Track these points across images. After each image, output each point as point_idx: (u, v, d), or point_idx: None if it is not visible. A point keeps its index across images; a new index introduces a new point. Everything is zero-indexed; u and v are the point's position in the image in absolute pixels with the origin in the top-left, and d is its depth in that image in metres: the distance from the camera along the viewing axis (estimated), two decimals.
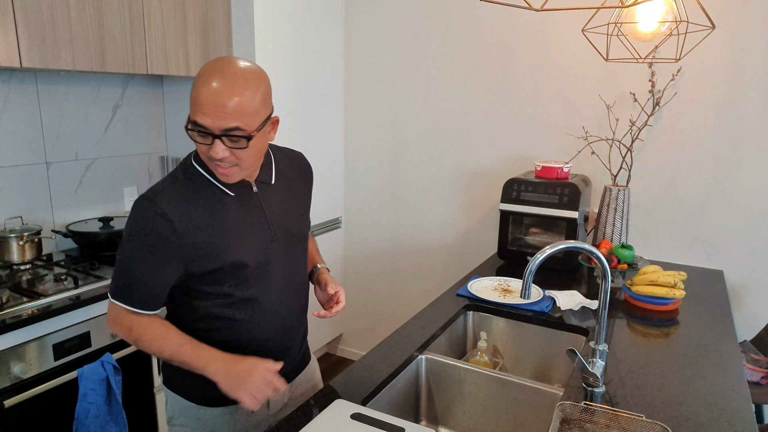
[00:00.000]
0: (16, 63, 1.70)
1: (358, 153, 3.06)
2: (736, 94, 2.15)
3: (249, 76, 1.06)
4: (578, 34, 2.37)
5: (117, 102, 2.44)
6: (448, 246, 2.89)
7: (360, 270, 3.20)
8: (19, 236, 1.94)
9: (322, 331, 3.16)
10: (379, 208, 3.06)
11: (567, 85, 2.45)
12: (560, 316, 1.72)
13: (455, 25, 2.64)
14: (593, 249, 1.24)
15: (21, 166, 2.09)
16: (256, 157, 1.14)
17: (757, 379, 1.85)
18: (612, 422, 1.14)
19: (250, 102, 1.05)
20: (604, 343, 1.29)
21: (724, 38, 2.12)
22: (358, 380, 1.33)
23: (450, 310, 1.76)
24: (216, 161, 1.09)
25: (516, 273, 2.14)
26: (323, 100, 2.87)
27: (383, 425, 1.08)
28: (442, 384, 1.52)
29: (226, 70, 1.05)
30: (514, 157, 2.63)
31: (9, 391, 1.59)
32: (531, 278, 1.23)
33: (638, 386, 1.30)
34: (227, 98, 1.03)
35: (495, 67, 2.59)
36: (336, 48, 2.91)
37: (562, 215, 2.14)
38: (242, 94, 1.04)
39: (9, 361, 1.59)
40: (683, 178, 2.29)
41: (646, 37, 1.64)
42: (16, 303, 1.68)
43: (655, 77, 2.25)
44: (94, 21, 1.91)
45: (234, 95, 1.04)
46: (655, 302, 1.78)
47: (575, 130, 2.46)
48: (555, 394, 1.35)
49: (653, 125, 2.30)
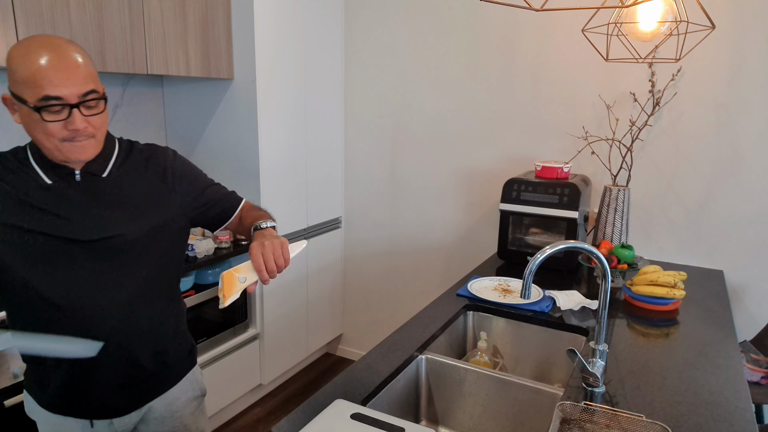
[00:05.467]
0: None
1: (358, 153, 3.06)
2: (736, 94, 2.15)
3: (75, 44, 1.06)
4: (578, 34, 2.37)
5: (117, 102, 2.44)
6: (448, 246, 2.89)
7: (360, 270, 3.20)
8: None
9: (322, 331, 3.16)
10: (379, 208, 3.06)
11: (567, 85, 2.45)
12: (560, 316, 1.72)
13: (455, 25, 2.65)
14: (593, 249, 1.24)
15: None
16: (105, 127, 1.13)
17: (757, 379, 1.85)
18: (612, 422, 1.14)
19: (92, 65, 1.07)
20: (604, 343, 1.29)
21: (724, 38, 2.12)
22: (358, 380, 1.33)
23: (450, 310, 1.76)
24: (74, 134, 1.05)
25: (516, 273, 2.14)
26: (323, 99, 2.87)
27: (383, 425, 1.08)
28: (442, 384, 1.52)
29: (52, 42, 1.03)
30: (514, 157, 2.63)
31: (9, 391, 1.59)
32: (531, 278, 1.23)
33: (638, 386, 1.30)
34: (74, 64, 1.02)
35: (495, 67, 2.59)
36: (336, 48, 2.91)
37: (562, 215, 2.14)
38: (84, 57, 1.05)
39: (9, 361, 1.59)
40: (683, 178, 2.29)
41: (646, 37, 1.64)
42: None
43: (655, 77, 2.25)
44: (94, 21, 1.91)
45: (78, 59, 1.03)
46: (655, 302, 1.78)
47: (575, 130, 2.46)
48: (555, 394, 1.35)
49: (653, 125, 2.30)
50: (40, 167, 1.11)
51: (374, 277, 3.16)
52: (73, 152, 1.07)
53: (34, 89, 1.00)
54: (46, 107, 1.01)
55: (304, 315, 2.97)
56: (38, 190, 1.10)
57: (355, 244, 3.18)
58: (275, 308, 2.73)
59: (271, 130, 2.54)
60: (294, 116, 2.68)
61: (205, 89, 2.57)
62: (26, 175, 1.10)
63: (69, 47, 1.04)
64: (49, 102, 1.01)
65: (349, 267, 3.24)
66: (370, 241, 3.12)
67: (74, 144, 1.06)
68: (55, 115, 1.02)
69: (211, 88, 2.56)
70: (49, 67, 1.00)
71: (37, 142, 1.07)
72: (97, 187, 1.15)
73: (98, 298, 1.13)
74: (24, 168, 1.11)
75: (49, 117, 1.02)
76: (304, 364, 3.20)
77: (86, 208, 1.12)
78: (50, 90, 1.00)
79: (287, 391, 2.94)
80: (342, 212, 3.17)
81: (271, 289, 2.68)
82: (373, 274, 3.16)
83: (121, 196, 1.17)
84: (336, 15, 2.87)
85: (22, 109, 1.04)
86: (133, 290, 1.17)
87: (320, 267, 3.03)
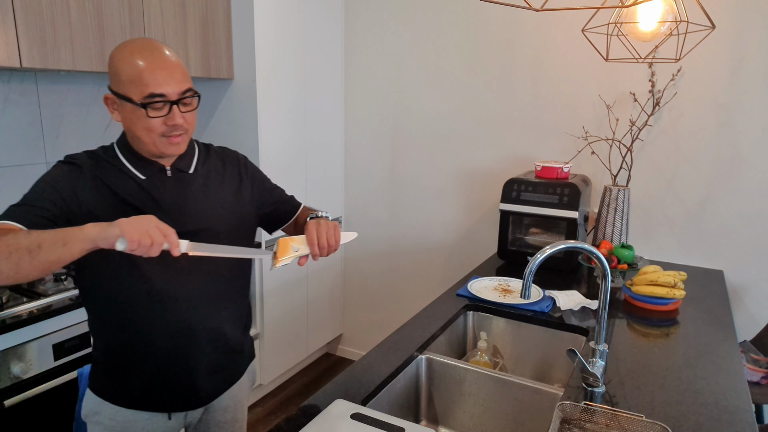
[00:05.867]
0: (16, 63, 1.70)
1: (358, 153, 3.06)
2: (736, 94, 2.15)
3: (168, 46, 1.16)
4: (578, 34, 2.37)
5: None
6: (448, 246, 2.89)
7: (360, 270, 3.20)
8: None
9: (322, 331, 3.16)
10: (379, 207, 3.06)
11: (567, 85, 2.45)
12: (560, 316, 1.72)
13: (455, 25, 2.64)
14: (593, 249, 1.24)
15: (21, 166, 2.09)
16: (194, 125, 1.20)
17: (757, 379, 1.85)
18: (612, 422, 1.14)
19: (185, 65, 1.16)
20: (604, 343, 1.29)
21: (724, 38, 2.12)
22: (358, 380, 1.33)
23: (450, 310, 1.76)
24: (172, 129, 1.12)
25: (516, 273, 2.14)
26: (323, 99, 2.87)
27: (383, 425, 1.08)
28: (442, 384, 1.52)
29: (151, 44, 1.12)
30: (514, 157, 2.63)
31: (9, 391, 1.59)
32: (531, 278, 1.23)
33: (638, 386, 1.30)
34: (174, 64, 1.11)
35: (495, 66, 2.59)
36: (336, 48, 2.91)
37: (562, 215, 2.14)
38: (178, 58, 1.14)
39: (9, 361, 1.59)
40: (683, 178, 2.29)
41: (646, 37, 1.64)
42: (16, 303, 1.68)
43: (655, 77, 2.25)
44: (94, 21, 1.91)
45: (176, 60, 1.12)
46: (655, 302, 1.78)
47: (575, 130, 2.46)
48: (555, 394, 1.35)
49: (653, 125, 2.30)
50: (131, 164, 1.17)
51: (374, 277, 3.16)
52: (169, 147, 1.14)
53: (140, 87, 1.07)
54: (150, 104, 1.08)
55: (304, 315, 2.97)
56: (133, 186, 1.16)
57: (355, 244, 3.18)
58: (275, 308, 2.73)
59: (271, 130, 2.54)
60: (294, 116, 2.68)
61: (205, 89, 2.57)
62: (119, 171, 1.16)
63: (166, 48, 1.13)
64: (154, 99, 1.08)
65: (349, 267, 3.24)
66: (370, 241, 3.12)
67: (171, 139, 1.13)
68: (157, 111, 1.10)
69: (211, 88, 2.56)
70: (153, 66, 1.08)
71: (135, 138, 1.14)
72: (186, 182, 1.22)
73: (192, 289, 1.20)
74: (116, 164, 1.17)
75: (152, 113, 1.09)
76: (304, 364, 3.20)
77: (179, 202, 1.19)
78: (154, 88, 1.08)
79: (287, 391, 2.94)
80: (342, 212, 3.17)
81: (271, 289, 2.68)
82: (373, 274, 3.16)
83: (207, 192, 1.24)
84: (336, 15, 2.87)
85: (126, 106, 1.10)
86: (220, 281, 1.25)
87: (320, 267, 3.03)
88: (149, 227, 0.97)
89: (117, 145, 1.20)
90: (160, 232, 0.98)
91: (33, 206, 1.07)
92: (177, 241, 1.00)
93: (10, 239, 0.95)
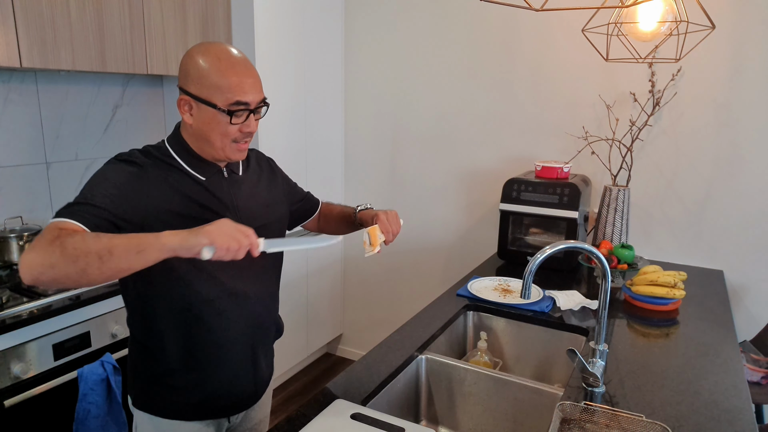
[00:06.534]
0: (16, 63, 1.70)
1: (358, 153, 3.06)
2: (736, 94, 2.15)
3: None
4: (578, 34, 2.37)
5: (117, 102, 2.44)
6: (448, 246, 2.89)
7: (360, 270, 3.20)
8: (19, 236, 1.94)
9: (322, 331, 3.16)
10: (379, 208, 3.04)
11: (567, 85, 2.45)
12: (560, 316, 1.72)
13: (455, 25, 2.64)
14: (593, 249, 1.24)
15: (21, 166, 2.09)
16: None
17: (757, 379, 1.85)
18: (612, 422, 1.14)
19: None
20: (604, 343, 1.29)
21: (724, 38, 2.12)
22: (358, 380, 1.33)
23: (450, 310, 1.76)
24: (245, 136, 1.14)
25: (516, 273, 2.14)
26: (323, 99, 2.87)
27: (383, 425, 1.08)
28: (442, 384, 1.52)
29: (231, 50, 1.13)
30: (514, 157, 2.63)
31: (9, 391, 1.59)
32: (531, 278, 1.24)
33: (638, 386, 1.30)
34: (256, 73, 1.14)
35: (495, 66, 2.59)
36: (336, 48, 2.91)
37: (562, 215, 2.14)
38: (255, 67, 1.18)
39: (9, 361, 1.59)
40: (683, 178, 2.29)
41: (646, 37, 1.64)
42: (16, 303, 1.68)
43: (655, 77, 2.25)
44: (94, 21, 1.91)
45: (255, 69, 1.14)
46: (655, 302, 1.78)
47: (575, 130, 2.46)
48: (555, 394, 1.35)
49: (653, 125, 2.30)
50: (189, 165, 1.16)
51: (374, 277, 3.16)
52: (237, 153, 1.16)
53: (228, 94, 1.08)
54: (235, 111, 1.10)
55: (304, 315, 2.97)
56: (194, 186, 1.15)
57: (355, 245, 3.18)
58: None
59: (270, 130, 2.54)
60: (294, 116, 2.68)
61: None
62: (179, 172, 1.15)
63: (245, 56, 1.15)
64: (239, 107, 1.10)
65: (349, 267, 3.24)
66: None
67: (240, 145, 1.15)
68: (238, 118, 1.11)
69: None
70: (242, 75, 1.10)
71: (206, 142, 1.14)
72: (239, 183, 1.24)
73: (255, 284, 1.23)
74: (174, 164, 1.16)
75: (235, 120, 1.11)
76: (304, 364, 3.20)
77: (237, 202, 1.21)
78: (241, 96, 1.09)
79: (287, 391, 2.94)
80: None
81: None
82: (373, 274, 3.16)
83: (255, 193, 1.27)
84: (336, 15, 2.87)
85: (206, 111, 1.10)
86: (271, 280, 1.31)
87: (320, 267, 3.03)
88: (233, 231, 0.96)
89: (170, 144, 1.18)
90: (242, 233, 0.98)
91: (95, 206, 1.01)
92: (257, 241, 1.00)
93: (77, 242, 0.90)
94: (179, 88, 1.15)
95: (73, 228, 0.96)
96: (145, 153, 1.15)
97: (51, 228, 0.95)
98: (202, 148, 1.16)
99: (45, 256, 0.90)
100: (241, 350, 1.23)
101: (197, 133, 1.14)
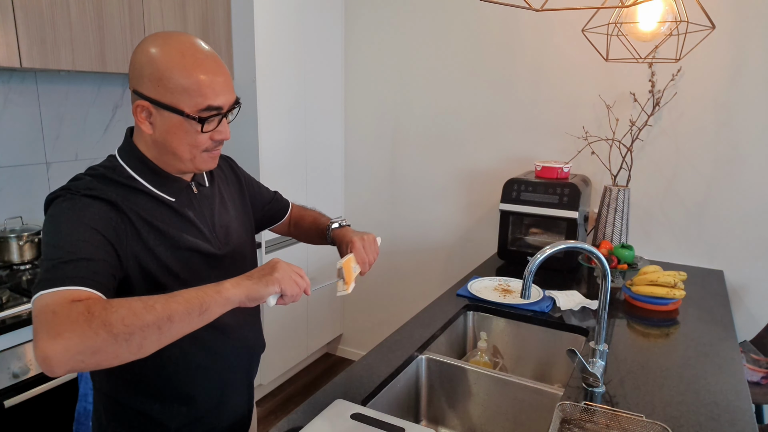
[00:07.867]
0: (16, 63, 1.70)
1: (358, 153, 3.06)
2: (736, 94, 2.15)
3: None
4: (578, 34, 2.37)
5: (117, 102, 2.44)
6: (448, 246, 2.89)
7: None
8: (19, 236, 1.94)
9: (322, 331, 3.16)
10: (379, 207, 3.06)
11: (567, 85, 2.45)
12: (560, 316, 1.72)
13: (455, 25, 2.64)
14: (593, 249, 1.24)
15: (21, 166, 2.09)
16: None
17: (757, 379, 1.85)
18: (612, 422, 1.14)
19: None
20: (604, 343, 1.29)
21: (724, 38, 2.12)
22: (358, 380, 1.33)
23: (450, 310, 1.76)
24: (217, 144, 0.99)
25: (516, 273, 2.14)
26: (323, 99, 2.87)
27: (383, 425, 1.08)
28: (442, 384, 1.52)
29: (196, 42, 0.95)
30: (514, 157, 2.63)
31: (9, 391, 1.59)
32: (531, 278, 1.23)
33: (638, 386, 1.30)
34: (225, 69, 0.96)
35: (495, 66, 2.59)
36: (336, 48, 2.91)
37: (562, 215, 2.14)
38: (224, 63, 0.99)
39: (9, 361, 1.59)
40: (683, 178, 2.29)
41: (646, 37, 1.64)
42: (16, 303, 1.68)
43: (655, 77, 2.25)
44: (94, 21, 1.91)
45: (224, 64, 0.97)
46: (655, 302, 1.78)
47: (575, 130, 2.46)
48: (555, 394, 1.35)
49: (653, 125, 2.30)
50: (153, 184, 0.99)
51: (374, 276, 3.16)
52: (209, 162, 1.00)
53: (197, 99, 0.92)
54: (207, 117, 0.94)
55: (304, 315, 2.97)
56: (165, 211, 0.99)
57: None
58: (275, 308, 2.73)
59: (271, 130, 2.54)
60: (294, 116, 2.68)
61: None
62: (146, 196, 0.98)
63: (213, 52, 0.96)
64: (211, 112, 0.94)
65: None
66: None
67: (211, 154, 1.00)
68: (210, 125, 0.95)
69: None
70: (212, 73, 0.92)
71: (170, 154, 0.97)
72: (210, 198, 1.10)
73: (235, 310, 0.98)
74: (137, 187, 0.98)
75: (207, 127, 0.95)
76: (304, 364, 3.20)
77: (209, 220, 1.07)
78: (213, 99, 0.93)
79: (287, 391, 2.94)
80: (342, 212, 3.17)
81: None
82: (373, 274, 3.16)
83: (225, 206, 1.13)
84: (336, 15, 2.87)
85: (170, 118, 0.93)
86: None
87: (320, 267, 3.03)
88: (293, 275, 0.90)
89: (124, 161, 0.99)
90: (299, 275, 0.91)
91: (91, 260, 0.83)
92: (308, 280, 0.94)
93: (126, 316, 0.74)
94: (132, 91, 0.95)
95: (95, 297, 0.79)
96: (102, 179, 0.95)
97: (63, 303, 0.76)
98: (166, 162, 0.99)
99: (85, 341, 0.72)
100: (228, 376, 1.13)
101: (159, 144, 0.96)
